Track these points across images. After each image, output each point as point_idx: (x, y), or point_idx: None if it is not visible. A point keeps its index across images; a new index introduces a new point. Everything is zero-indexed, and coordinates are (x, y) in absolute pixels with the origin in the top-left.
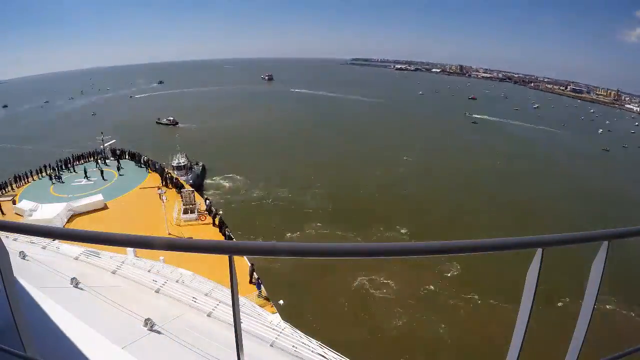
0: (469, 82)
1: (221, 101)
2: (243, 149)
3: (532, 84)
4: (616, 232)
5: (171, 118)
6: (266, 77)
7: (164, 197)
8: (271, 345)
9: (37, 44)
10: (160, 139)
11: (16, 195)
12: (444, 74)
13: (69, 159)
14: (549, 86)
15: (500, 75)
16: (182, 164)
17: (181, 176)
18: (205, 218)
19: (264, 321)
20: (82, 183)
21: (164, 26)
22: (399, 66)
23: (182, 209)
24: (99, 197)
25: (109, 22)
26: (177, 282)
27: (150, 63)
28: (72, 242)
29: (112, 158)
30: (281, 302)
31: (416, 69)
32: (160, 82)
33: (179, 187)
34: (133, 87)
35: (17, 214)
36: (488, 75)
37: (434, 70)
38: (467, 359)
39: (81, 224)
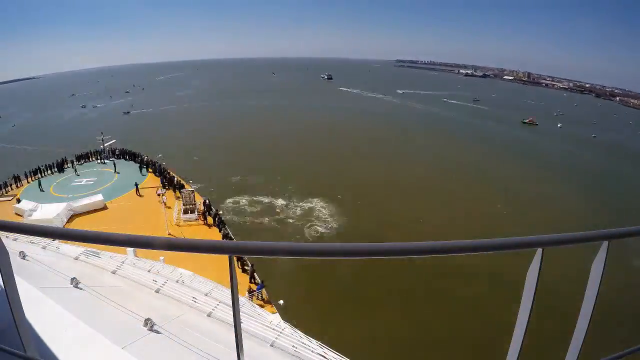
0: (549, 93)
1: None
2: None
3: (619, 99)
4: (616, 232)
5: None
6: (326, 77)
7: (164, 198)
8: (271, 345)
9: (68, 41)
10: None
11: (17, 195)
12: (518, 82)
13: (65, 158)
14: (634, 101)
15: (571, 85)
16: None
17: None
18: (205, 218)
19: (264, 321)
20: (82, 183)
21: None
22: (466, 72)
23: (182, 209)
24: (99, 197)
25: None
26: (177, 282)
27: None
28: (72, 242)
29: (112, 158)
30: (281, 302)
31: (484, 75)
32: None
33: (179, 187)
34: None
35: (17, 214)
36: (564, 86)
37: (505, 77)
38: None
39: (81, 224)
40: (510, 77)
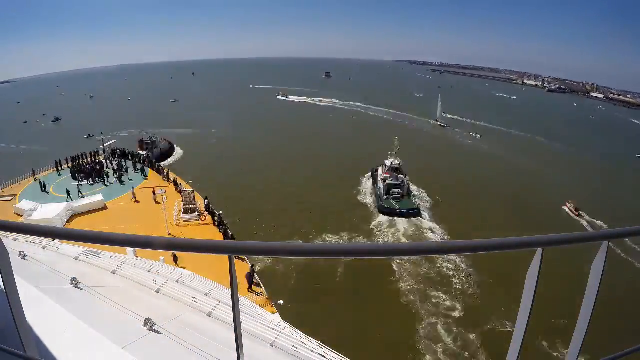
0: None
1: None
2: None
3: None
4: (615, 232)
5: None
6: (324, 75)
7: (164, 197)
8: (271, 345)
9: (39, 44)
10: None
11: (16, 195)
12: (616, 104)
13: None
14: None
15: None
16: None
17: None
18: (205, 218)
19: (264, 321)
20: (82, 183)
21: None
22: (549, 86)
23: (182, 209)
24: (99, 197)
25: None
26: (177, 282)
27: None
28: (72, 242)
29: (112, 157)
30: (281, 302)
31: (560, 89)
32: (328, 75)
33: (177, 185)
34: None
35: (17, 214)
36: None
37: (593, 94)
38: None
39: (81, 224)
40: (600, 95)
